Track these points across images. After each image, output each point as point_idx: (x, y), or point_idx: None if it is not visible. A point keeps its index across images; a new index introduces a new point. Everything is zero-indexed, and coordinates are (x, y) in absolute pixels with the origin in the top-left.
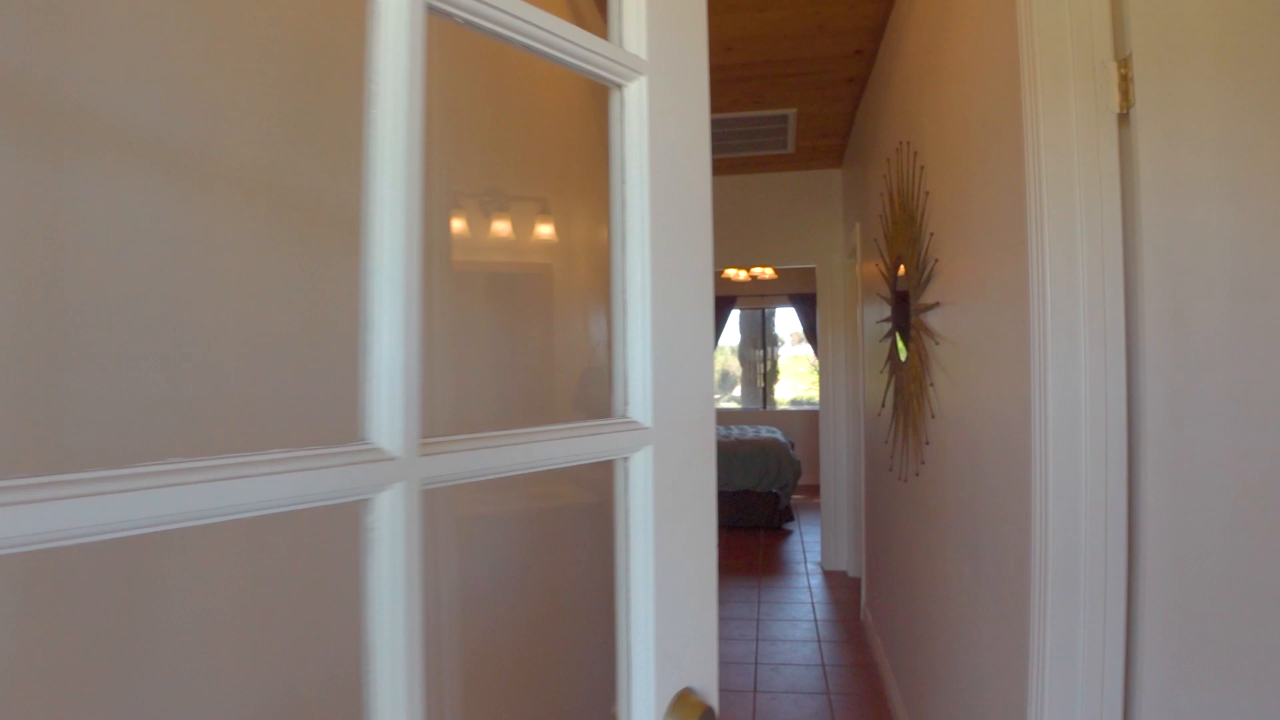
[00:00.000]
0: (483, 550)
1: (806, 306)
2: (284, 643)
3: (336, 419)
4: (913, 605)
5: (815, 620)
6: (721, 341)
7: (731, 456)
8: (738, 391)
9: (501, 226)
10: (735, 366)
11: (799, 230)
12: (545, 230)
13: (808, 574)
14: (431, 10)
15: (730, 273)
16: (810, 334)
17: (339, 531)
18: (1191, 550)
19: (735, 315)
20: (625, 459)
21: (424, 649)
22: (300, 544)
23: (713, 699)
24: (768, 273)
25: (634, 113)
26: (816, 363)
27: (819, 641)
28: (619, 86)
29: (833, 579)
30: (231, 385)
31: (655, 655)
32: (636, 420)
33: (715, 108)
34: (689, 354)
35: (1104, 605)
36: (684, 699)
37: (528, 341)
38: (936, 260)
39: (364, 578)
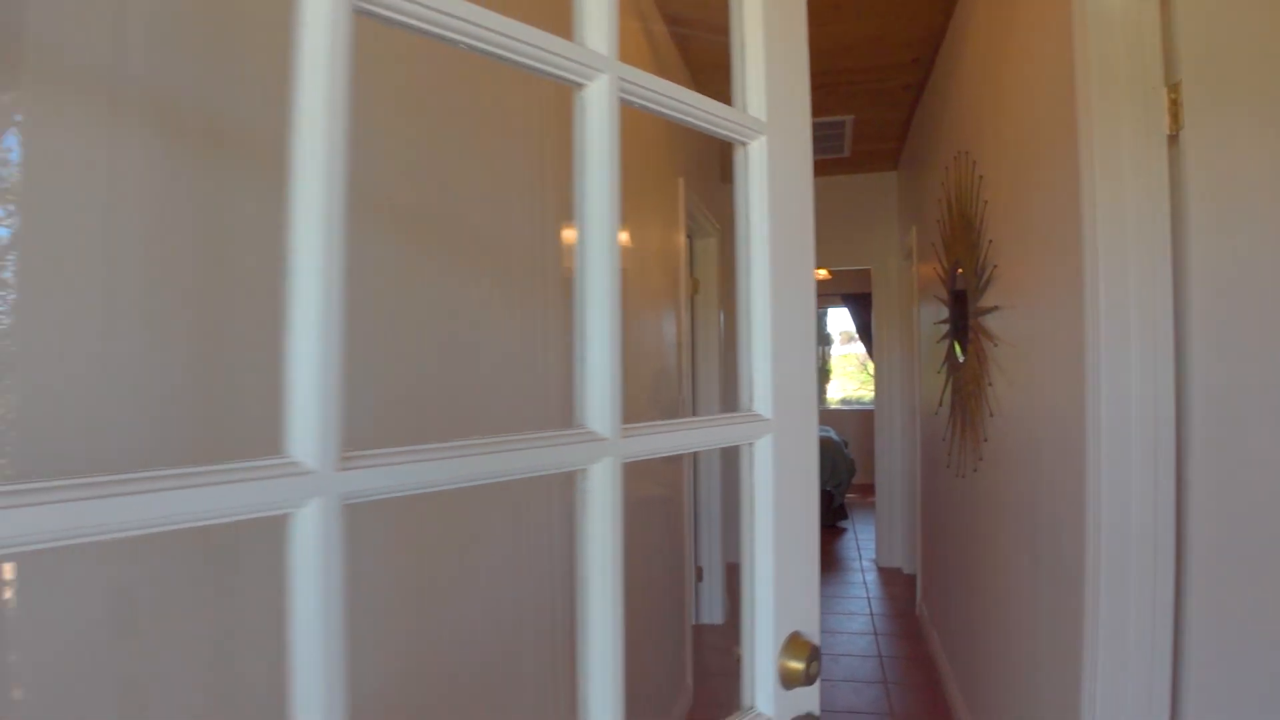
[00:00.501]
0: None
1: (859, 306)
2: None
3: (540, 411)
4: (970, 596)
5: (871, 614)
6: None
7: None
8: None
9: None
10: None
11: (855, 232)
12: (620, 237)
13: (863, 570)
14: (624, 101)
15: None
16: (864, 333)
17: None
18: (1236, 538)
19: None
20: (750, 444)
21: (623, 579)
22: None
23: (816, 640)
24: (821, 273)
25: (756, 165)
26: (867, 362)
27: (875, 634)
28: (744, 144)
29: (887, 575)
30: (489, 388)
31: (774, 603)
32: (760, 413)
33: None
34: (798, 360)
35: (1154, 590)
36: (794, 639)
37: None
38: (995, 266)
39: (580, 527)
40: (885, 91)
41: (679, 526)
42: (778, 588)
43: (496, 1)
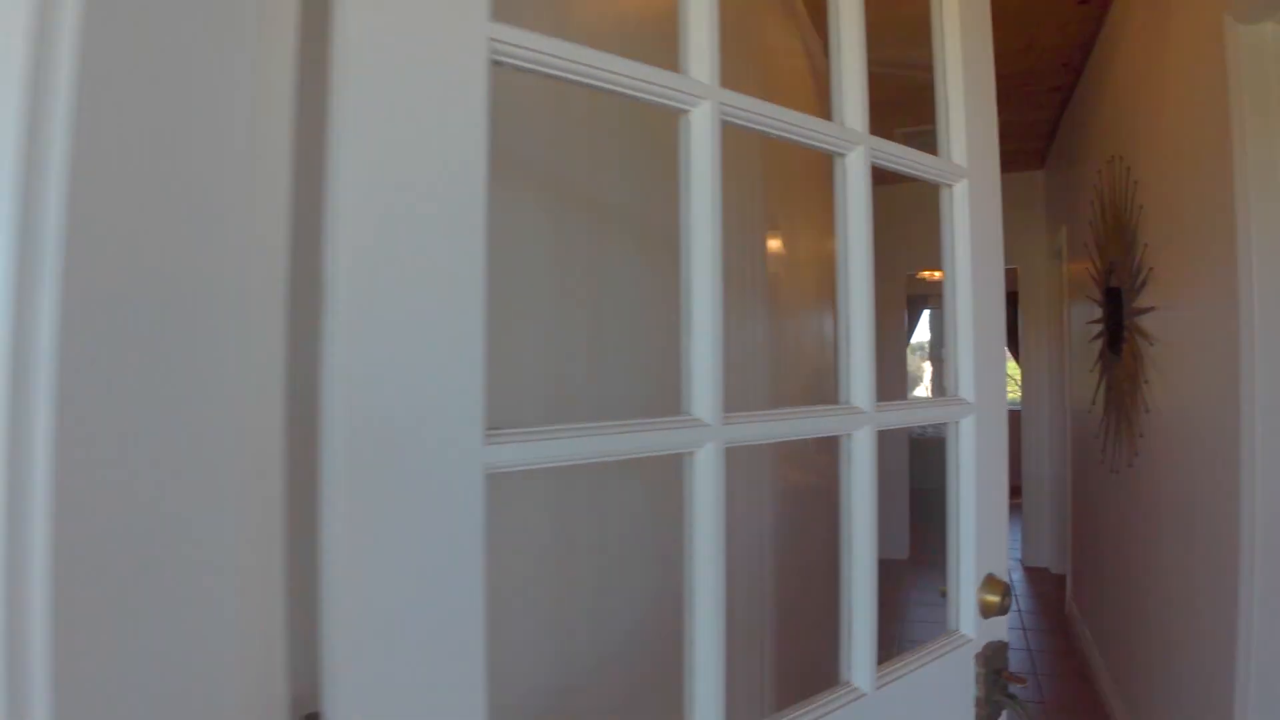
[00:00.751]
0: (775, 506)
1: None
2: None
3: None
4: (1124, 589)
5: (1019, 611)
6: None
7: (928, 454)
8: (920, 392)
9: (775, 244)
10: (914, 368)
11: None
12: (774, 244)
13: (1008, 569)
14: (875, 164)
15: (925, 274)
16: (1007, 332)
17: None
18: None
19: (926, 315)
20: (957, 423)
21: (876, 520)
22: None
23: (1006, 579)
24: None
25: (959, 203)
26: (1009, 361)
27: (1024, 630)
28: (949, 186)
29: (1034, 575)
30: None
31: (975, 548)
32: (964, 398)
33: (923, 118)
34: (992, 356)
35: None
36: (990, 579)
37: (785, 339)
38: (1151, 269)
39: (844, 479)
40: (1034, 95)
41: (833, 516)
42: (979, 535)
43: (740, 81)
